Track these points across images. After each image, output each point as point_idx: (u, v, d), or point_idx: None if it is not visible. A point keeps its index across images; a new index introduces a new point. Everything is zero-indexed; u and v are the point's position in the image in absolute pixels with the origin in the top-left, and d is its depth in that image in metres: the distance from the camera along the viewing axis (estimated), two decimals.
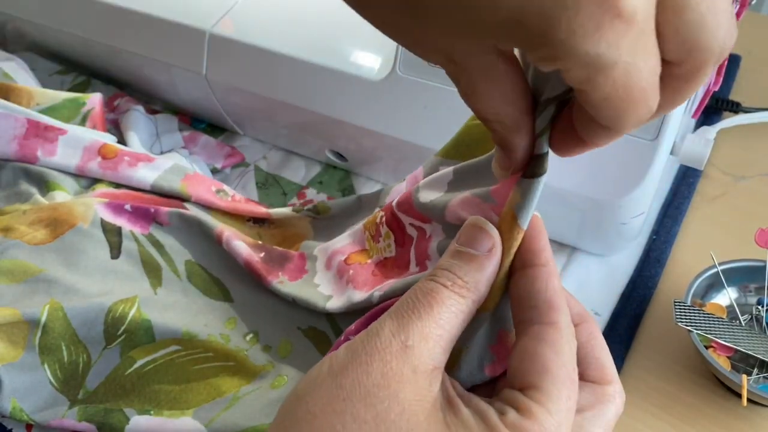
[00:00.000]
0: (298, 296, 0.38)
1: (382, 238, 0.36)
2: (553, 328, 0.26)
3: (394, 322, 0.25)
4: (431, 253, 0.32)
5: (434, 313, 0.25)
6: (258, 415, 0.36)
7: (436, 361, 0.25)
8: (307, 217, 0.44)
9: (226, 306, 0.41)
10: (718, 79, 0.49)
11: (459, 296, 0.26)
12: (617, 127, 0.22)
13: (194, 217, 0.43)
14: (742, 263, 0.45)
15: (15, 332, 0.37)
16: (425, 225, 0.33)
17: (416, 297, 0.26)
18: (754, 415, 0.41)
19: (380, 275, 0.36)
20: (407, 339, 0.25)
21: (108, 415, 0.36)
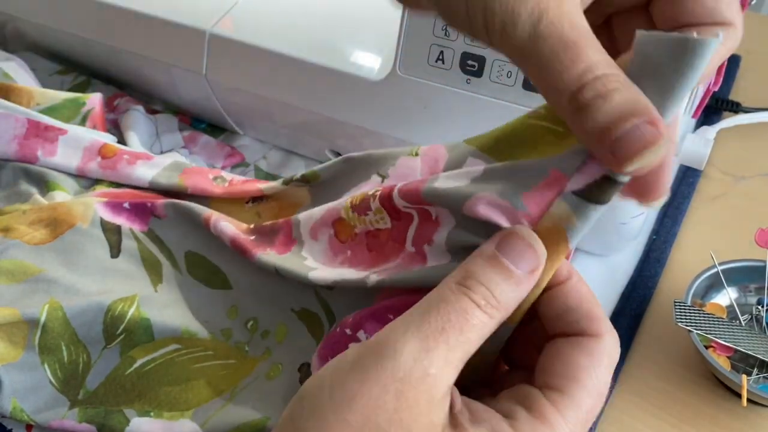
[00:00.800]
0: (282, 266, 0.36)
1: (372, 212, 0.33)
2: (596, 340, 0.25)
3: (416, 344, 0.23)
4: (437, 240, 0.29)
5: (463, 338, 0.23)
6: (250, 410, 0.36)
7: (450, 384, 0.23)
8: (302, 186, 0.42)
9: (227, 293, 0.41)
10: (718, 79, 0.49)
11: (489, 317, 0.24)
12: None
13: (186, 205, 0.42)
14: (742, 263, 0.45)
15: (15, 332, 0.37)
16: (430, 207, 0.30)
17: (447, 317, 0.23)
18: (754, 415, 0.41)
19: (375, 251, 0.33)
20: (430, 366, 0.22)
21: (108, 416, 0.36)
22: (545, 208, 0.25)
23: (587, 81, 0.22)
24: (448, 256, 0.29)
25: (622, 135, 0.22)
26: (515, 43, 0.23)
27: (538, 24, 0.22)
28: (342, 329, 0.32)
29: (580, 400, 0.24)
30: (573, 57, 0.22)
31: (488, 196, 0.26)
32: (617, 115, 0.22)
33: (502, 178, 0.26)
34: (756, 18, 0.75)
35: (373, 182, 0.37)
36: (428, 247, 0.30)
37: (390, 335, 0.23)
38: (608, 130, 0.22)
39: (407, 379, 0.22)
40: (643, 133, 0.22)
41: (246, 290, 0.40)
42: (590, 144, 0.23)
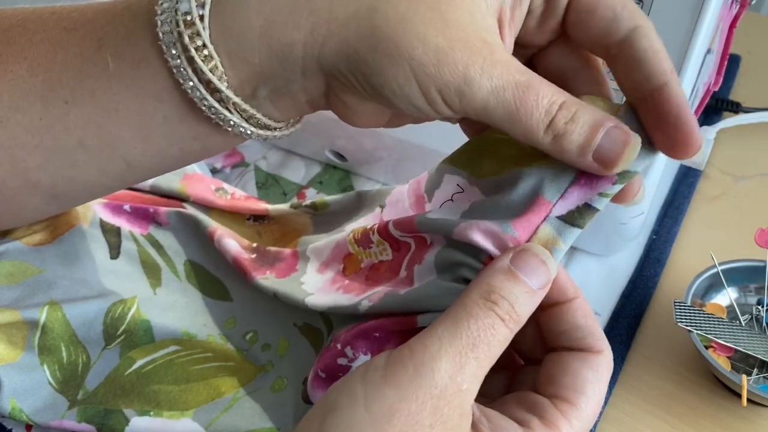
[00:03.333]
0: (279, 290, 0.37)
1: (374, 244, 0.35)
2: (600, 356, 0.28)
3: (451, 360, 0.24)
4: (427, 258, 0.31)
5: (491, 354, 0.25)
6: (257, 418, 0.36)
7: (475, 395, 0.25)
8: (306, 213, 0.43)
9: (226, 305, 0.41)
10: (718, 79, 0.49)
11: (510, 331, 0.25)
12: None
13: (192, 216, 0.43)
14: (742, 263, 0.45)
15: (14, 333, 0.37)
16: (425, 234, 0.32)
17: (477, 332, 0.24)
18: (754, 415, 0.41)
19: (372, 280, 0.35)
20: (463, 382, 0.24)
21: (108, 416, 0.36)
22: (532, 232, 0.27)
23: (554, 113, 0.25)
24: (434, 273, 0.30)
25: (600, 145, 0.25)
26: (477, 105, 0.25)
27: (491, 80, 0.25)
28: (334, 344, 0.33)
29: (585, 410, 0.27)
30: (535, 96, 0.25)
31: (478, 222, 0.28)
32: (588, 130, 0.25)
33: (491, 209, 0.28)
34: (756, 18, 0.75)
35: (375, 214, 0.39)
36: (418, 266, 0.31)
37: (425, 352, 0.24)
38: (587, 145, 0.25)
39: (443, 395, 0.23)
40: (615, 137, 0.25)
41: (246, 304, 0.41)
42: (576, 162, 0.26)
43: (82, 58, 0.29)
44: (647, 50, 0.26)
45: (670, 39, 0.40)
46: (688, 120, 0.26)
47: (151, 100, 0.28)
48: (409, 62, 0.25)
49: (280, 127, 0.30)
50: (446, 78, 0.25)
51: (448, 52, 0.25)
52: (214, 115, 0.28)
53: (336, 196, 0.43)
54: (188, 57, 0.27)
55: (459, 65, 0.25)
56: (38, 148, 0.30)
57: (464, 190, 0.31)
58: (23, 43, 0.29)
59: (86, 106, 0.29)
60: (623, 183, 0.27)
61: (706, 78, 0.48)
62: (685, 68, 0.40)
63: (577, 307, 0.28)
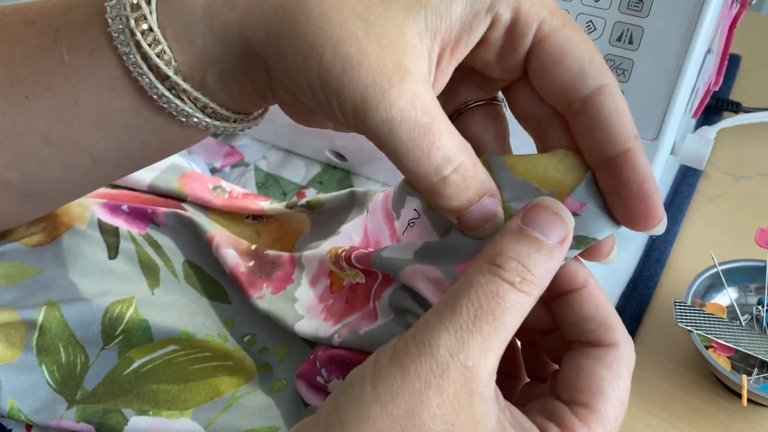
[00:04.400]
0: (273, 313, 0.38)
1: (346, 269, 0.35)
2: (613, 350, 0.26)
3: (451, 336, 0.22)
4: (383, 297, 0.31)
5: (497, 323, 0.22)
6: (256, 418, 0.36)
7: (491, 375, 0.23)
8: (303, 212, 0.43)
9: (225, 307, 0.41)
10: (718, 79, 0.49)
11: (526, 295, 0.23)
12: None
13: (190, 219, 0.43)
14: (742, 263, 0.45)
15: (12, 333, 0.37)
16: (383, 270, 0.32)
17: (478, 302, 0.23)
18: (754, 415, 0.41)
19: (350, 304, 0.35)
20: (467, 359, 0.22)
21: (106, 415, 0.36)
22: None
23: (447, 174, 0.24)
24: (392, 314, 0.30)
25: (468, 212, 0.25)
26: (369, 129, 0.24)
27: (389, 110, 0.23)
28: (314, 359, 0.34)
29: (606, 413, 0.25)
30: (429, 144, 0.23)
31: (422, 267, 0.27)
32: (467, 201, 0.25)
33: (440, 252, 0.28)
34: (756, 18, 0.75)
35: (363, 217, 0.39)
36: (378, 303, 0.32)
37: (425, 330, 0.23)
38: (459, 209, 0.25)
39: (446, 374, 0.22)
40: (484, 212, 0.25)
41: (244, 308, 0.41)
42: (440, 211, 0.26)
43: (39, 50, 0.28)
44: (612, 111, 0.25)
45: (670, 39, 0.40)
46: (652, 191, 0.24)
47: (107, 91, 0.28)
48: (318, 65, 0.24)
49: (238, 119, 0.30)
50: (345, 92, 0.23)
51: (354, 66, 0.23)
52: (166, 104, 0.27)
53: (330, 194, 0.43)
54: (136, 42, 0.26)
55: (360, 83, 0.23)
56: (5, 145, 0.29)
57: (419, 215, 0.30)
58: None
59: (46, 100, 0.28)
60: (580, 249, 0.26)
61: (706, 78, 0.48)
62: (685, 68, 0.40)
63: (585, 296, 0.26)
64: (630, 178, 0.24)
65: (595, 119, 0.25)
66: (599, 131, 0.25)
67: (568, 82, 0.25)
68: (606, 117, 0.25)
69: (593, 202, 0.25)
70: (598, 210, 0.25)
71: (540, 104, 0.28)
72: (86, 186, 0.33)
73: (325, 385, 0.33)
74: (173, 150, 0.32)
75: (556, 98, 0.26)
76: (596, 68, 0.25)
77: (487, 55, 0.27)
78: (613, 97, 0.25)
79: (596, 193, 0.25)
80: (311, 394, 0.35)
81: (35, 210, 0.34)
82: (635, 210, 0.24)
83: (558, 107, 0.27)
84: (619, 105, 0.25)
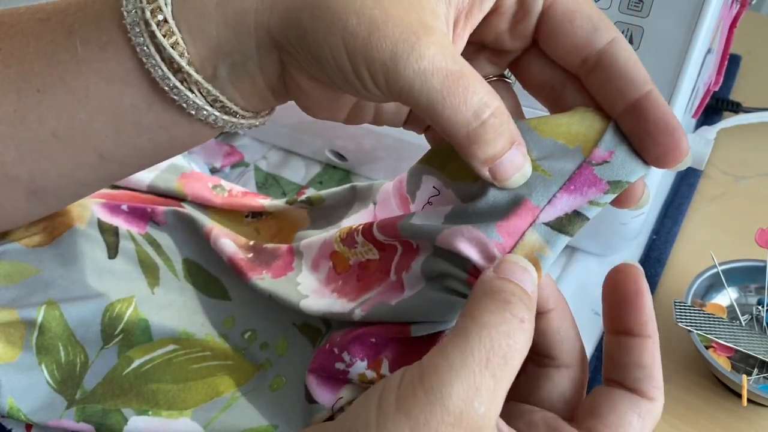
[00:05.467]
0: (275, 293, 0.37)
1: (359, 245, 0.35)
2: (651, 404, 0.27)
3: (463, 383, 0.21)
4: (413, 267, 0.30)
5: (508, 368, 0.22)
6: (256, 417, 0.36)
7: (497, 415, 0.23)
8: (303, 208, 0.43)
9: (225, 304, 0.41)
10: (718, 79, 0.49)
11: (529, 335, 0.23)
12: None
13: (189, 215, 0.43)
14: (742, 263, 0.45)
15: (12, 332, 0.37)
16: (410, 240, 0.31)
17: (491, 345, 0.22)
18: (754, 415, 0.41)
19: (363, 281, 0.35)
20: (480, 406, 0.21)
21: (106, 415, 0.36)
22: (518, 238, 0.26)
23: (485, 117, 0.24)
24: (422, 281, 0.30)
25: (500, 161, 0.25)
26: (402, 86, 0.24)
27: (421, 61, 0.24)
28: (330, 347, 0.32)
29: None
30: (464, 90, 0.24)
31: (462, 228, 0.27)
32: (502, 147, 0.25)
33: (474, 213, 0.27)
34: (756, 18, 0.75)
35: (369, 210, 0.38)
36: (406, 274, 0.31)
37: (435, 374, 0.22)
38: (495, 158, 0.25)
39: (458, 423, 0.21)
40: (514, 161, 0.25)
41: (245, 303, 0.40)
42: (473, 166, 0.26)
43: (53, 45, 0.29)
44: (628, 60, 0.26)
45: (670, 39, 0.40)
46: (677, 126, 0.26)
47: (118, 85, 0.28)
48: (342, 33, 0.24)
49: (246, 116, 0.30)
50: (374, 53, 0.24)
51: (380, 26, 0.24)
52: (177, 97, 0.28)
53: (330, 190, 0.42)
54: (150, 33, 0.27)
55: (388, 40, 0.24)
56: (14, 140, 0.30)
57: (440, 192, 0.30)
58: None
59: (57, 93, 0.29)
60: (615, 193, 0.26)
61: (706, 78, 0.48)
62: (685, 68, 0.40)
63: (648, 347, 0.27)
64: (655, 115, 0.25)
65: (612, 69, 0.26)
66: (618, 80, 0.26)
67: (581, 39, 0.27)
68: (623, 65, 0.26)
69: (621, 149, 0.26)
70: (626, 155, 0.26)
71: (551, 70, 0.29)
72: (92, 184, 0.33)
73: (346, 370, 0.32)
74: (179, 149, 0.32)
75: (569, 57, 0.27)
76: (605, 23, 0.27)
77: (500, 24, 0.28)
78: (625, 47, 0.26)
79: (622, 140, 0.27)
80: (321, 390, 0.34)
81: (41, 207, 0.34)
82: (664, 145, 0.25)
83: (571, 67, 0.28)
84: (632, 53, 0.26)
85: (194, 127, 0.30)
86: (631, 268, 0.28)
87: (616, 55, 0.26)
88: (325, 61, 0.25)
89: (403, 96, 0.24)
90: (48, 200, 0.33)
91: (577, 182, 0.26)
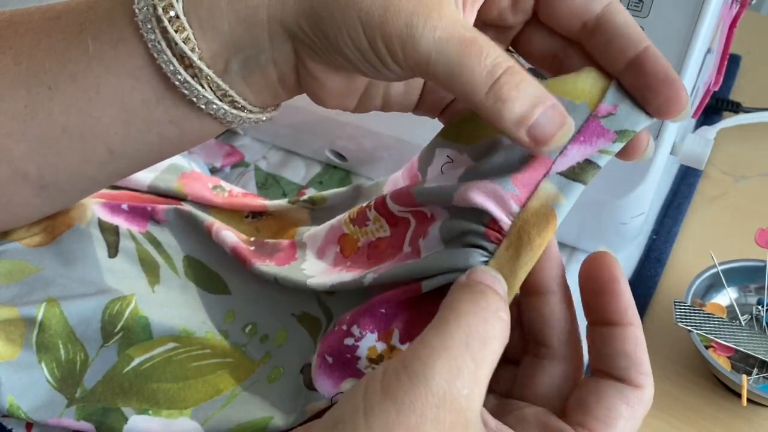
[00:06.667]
0: (280, 275, 0.37)
1: (371, 222, 0.35)
2: (638, 391, 0.27)
3: (445, 365, 0.22)
4: (431, 232, 0.31)
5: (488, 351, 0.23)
6: (252, 409, 0.36)
7: (481, 401, 0.23)
8: (305, 208, 0.43)
9: (225, 299, 0.41)
10: (718, 79, 0.49)
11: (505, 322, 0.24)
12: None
13: (189, 212, 0.43)
14: (742, 263, 0.45)
15: (12, 330, 0.37)
16: (424, 208, 0.32)
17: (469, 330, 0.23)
18: (754, 415, 0.41)
19: (375, 258, 0.35)
20: (462, 388, 0.22)
21: (106, 414, 0.36)
22: (533, 189, 0.27)
23: (500, 74, 0.25)
24: (441, 245, 0.30)
25: (536, 121, 0.25)
26: (420, 57, 0.25)
27: (435, 31, 0.25)
28: (339, 326, 0.32)
29: None
30: (478, 52, 0.25)
31: (477, 183, 0.28)
32: (530, 104, 0.25)
33: (488, 169, 0.28)
34: (756, 18, 0.75)
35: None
36: (423, 240, 0.31)
37: (417, 360, 0.23)
38: (525, 118, 0.25)
39: (442, 404, 0.22)
40: (552, 117, 0.25)
41: (245, 297, 0.40)
42: (509, 132, 0.25)
43: (65, 42, 0.29)
44: (625, 21, 0.28)
45: (670, 39, 0.40)
46: (675, 77, 0.27)
47: (129, 81, 0.29)
48: (357, 13, 0.25)
49: (254, 111, 0.31)
50: (390, 28, 0.25)
51: (394, 2, 0.25)
52: (188, 92, 0.29)
53: (333, 190, 0.43)
54: (162, 29, 0.27)
55: (403, 14, 0.25)
56: (24, 136, 0.30)
57: (453, 160, 0.31)
58: (10, 35, 0.30)
59: (68, 89, 0.29)
60: (623, 141, 0.27)
61: (706, 78, 0.48)
62: (685, 68, 0.40)
63: (630, 335, 0.27)
64: (655, 67, 0.27)
65: (611, 31, 0.28)
66: (618, 39, 0.27)
67: (580, 5, 0.28)
68: (622, 26, 0.28)
69: (624, 102, 0.28)
70: (629, 108, 0.28)
71: (552, 39, 0.30)
72: (100, 180, 0.34)
73: (355, 346, 0.31)
74: (187, 144, 0.33)
75: (569, 24, 0.29)
76: None
77: (503, 1, 0.30)
78: (621, 9, 0.28)
79: (625, 95, 0.28)
80: (322, 379, 0.33)
81: (49, 204, 0.35)
82: (665, 95, 0.26)
83: (571, 34, 0.29)
84: (627, 14, 0.28)
85: (203, 121, 0.31)
86: (603, 255, 0.28)
87: (614, 17, 0.28)
88: (343, 44, 0.26)
89: (421, 67, 0.25)
90: (56, 196, 0.34)
91: (586, 133, 0.27)
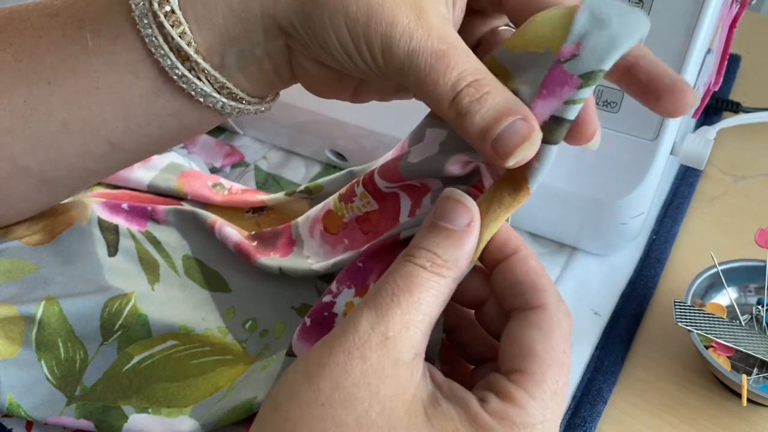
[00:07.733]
0: (284, 265, 0.38)
1: (357, 198, 0.35)
2: (540, 311, 0.26)
3: (372, 312, 0.24)
4: (425, 202, 0.32)
5: (414, 299, 0.25)
6: (245, 394, 0.36)
7: (416, 349, 0.25)
8: (304, 199, 0.44)
9: (225, 296, 0.41)
10: (718, 79, 0.49)
11: (439, 276, 0.25)
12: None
13: (190, 211, 0.43)
14: (742, 263, 0.45)
15: (11, 328, 0.37)
16: (413, 181, 0.32)
17: (394, 282, 0.25)
18: (754, 415, 0.41)
19: (371, 233, 0.35)
20: (387, 330, 0.24)
21: (106, 412, 0.36)
22: None
23: (461, 88, 0.25)
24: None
25: (499, 134, 0.25)
26: (395, 65, 0.26)
27: (410, 42, 0.26)
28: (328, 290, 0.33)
29: (541, 374, 0.25)
30: (445, 66, 0.25)
31: (457, 158, 0.29)
32: (493, 116, 0.25)
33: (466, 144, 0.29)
34: (756, 18, 0.75)
35: None
36: (420, 210, 0.32)
37: (350, 316, 0.25)
38: (488, 130, 0.25)
39: (368, 344, 0.24)
40: (517, 130, 0.24)
41: (245, 293, 0.41)
42: (474, 143, 0.26)
43: (64, 39, 0.30)
44: None
45: (670, 39, 0.40)
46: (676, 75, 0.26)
47: (128, 75, 0.29)
48: (344, 18, 0.26)
49: (252, 102, 0.32)
50: (372, 35, 0.26)
51: (377, 10, 0.26)
52: (185, 85, 0.29)
53: (328, 177, 0.43)
54: (158, 24, 0.28)
55: (383, 24, 0.26)
56: (24, 131, 0.30)
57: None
58: (9, 32, 0.31)
59: (68, 85, 0.30)
60: (589, 86, 0.25)
61: (706, 78, 0.48)
62: (685, 68, 0.40)
63: (515, 263, 0.27)
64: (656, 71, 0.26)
65: None
66: None
67: None
68: None
69: (589, 37, 0.25)
70: (595, 42, 0.25)
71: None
72: (101, 172, 0.34)
73: (332, 302, 0.32)
74: (187, 135, 0.33)
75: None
76: None
77: None
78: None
79: (592, 27, 0.25)
80: (301, 342, 0.34)
81: (50, 197, 0.35)
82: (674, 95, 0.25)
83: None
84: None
85: (202, 113, 0.31)
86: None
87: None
88: (331, 45, 0.27)
89: (399, 75, 0.26)
90: (57, 190, 0.34)
91: (549, 85, 0.25)
